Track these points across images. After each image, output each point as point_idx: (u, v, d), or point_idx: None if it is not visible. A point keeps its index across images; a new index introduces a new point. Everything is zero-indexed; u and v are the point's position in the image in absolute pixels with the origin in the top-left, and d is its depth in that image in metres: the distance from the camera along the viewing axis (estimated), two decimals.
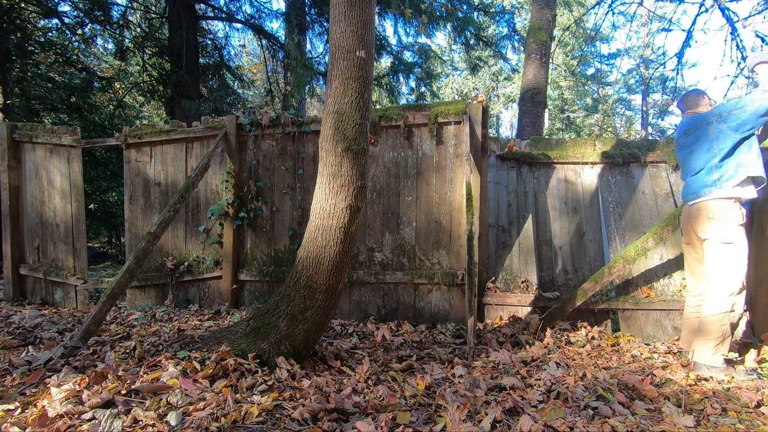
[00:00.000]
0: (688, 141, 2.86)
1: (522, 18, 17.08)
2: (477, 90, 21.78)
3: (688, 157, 2.85)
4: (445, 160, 3.77)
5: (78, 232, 4.56)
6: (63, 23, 7.80)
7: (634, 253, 3.28)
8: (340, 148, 2.25)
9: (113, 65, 11.83)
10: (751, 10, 6.48)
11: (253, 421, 1.72)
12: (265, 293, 4.15)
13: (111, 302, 2.84)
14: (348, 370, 2.50)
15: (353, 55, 2.26)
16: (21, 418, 1.71)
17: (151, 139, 4.39)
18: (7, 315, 3.88)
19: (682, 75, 8.40)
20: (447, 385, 2.25)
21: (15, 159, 4.68)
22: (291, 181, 4.15)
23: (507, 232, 3.86)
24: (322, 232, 2.31)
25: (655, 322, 3.40)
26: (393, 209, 3.89)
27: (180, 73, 7.62)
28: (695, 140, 2.80)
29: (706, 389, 2.35)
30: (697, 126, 2.80)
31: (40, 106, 8.21)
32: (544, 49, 6.23)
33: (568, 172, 3.86)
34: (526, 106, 6.34)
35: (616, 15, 8.25)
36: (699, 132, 2.77)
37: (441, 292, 3.74)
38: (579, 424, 1.82)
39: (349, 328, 3.55)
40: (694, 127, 2.82)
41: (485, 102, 3.68)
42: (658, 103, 19.90)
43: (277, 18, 9.34)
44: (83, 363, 2.35)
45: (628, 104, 21.68)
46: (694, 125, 2.82)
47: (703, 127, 2.74)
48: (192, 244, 4.37)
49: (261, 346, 2.33)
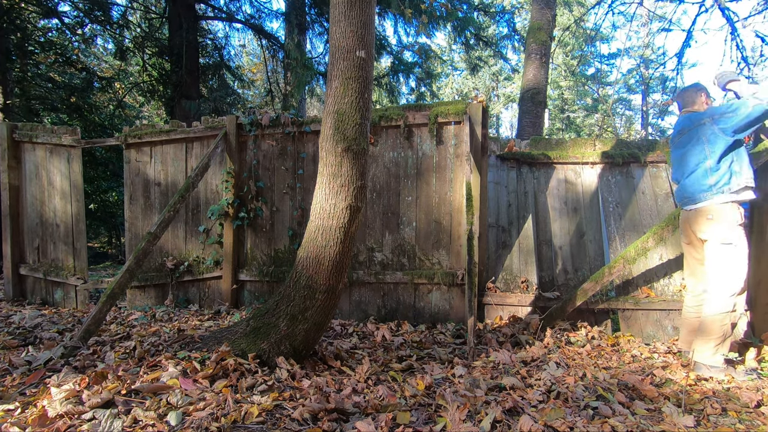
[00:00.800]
0: (683, 140, 2.84)
1: (522, 18, 17.08)
2: (477, 90, 21.78)
3: (682, 157, 2.83)
4: (445, 160, 3.77)
5: (78, 232, 4.56)
6: (63, 23, 7.79)
7: (634, 253, 3.28)
8: (340, 148, 2.25)
9: (113, 65, 11.83)
10: (751, 10, 6.48)
11: (253, 421, 1.72)
12: (265, 293, 4.15)
13: (111, 302, 2.84)
14: (348, 370, 2.50)
15: (353, 55, 2.26)
16: (21, 418, 1.71)
17: (151, 139, 4.39)
18: (7, 315, 3.88)
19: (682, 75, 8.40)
20: (447, 385, 2.24)
21: (15, 159, 4.68)
22: (291, 181, 4.15)
23: (507, 232, 3.86)
24: (322, 232, 2.31)
25: (655, 322, 3.40)
26: (393, 209, 3.89)
27: (180, 73, 7.62)
28: (689, 140, 2.78)
29: (706, 389, 2.35)
30: (691, 126, 2.78)
31: (40, 106, 8.21)
32: (544, 49, 6.23)
33: (568, 172, 3.86)
34: (526, 106, 6.34)
35: (616, 15, 8.25)
36: (693, 132, 2.75)
37: (441, 292, 3.74)
38: (579, 424, 1.82)
39: (349, 328, 3.55)
40: (688, 126, 2.81)
41: (485, 102, 3.68)
42: (658, 103, 19.91)
43: (277, 18, 9.34)
44: (83, 363, 2.35)
45: (628, 104, 21.69)
46: (689, 124, 2.81)
47: (697, 128, 2.72)
48: (192, 244, 4.37)
49: (261, 346, 2.33)
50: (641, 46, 19.36)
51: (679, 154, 2.87)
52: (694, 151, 2.73)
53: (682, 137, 2.85)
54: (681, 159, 2.84)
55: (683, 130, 2.85)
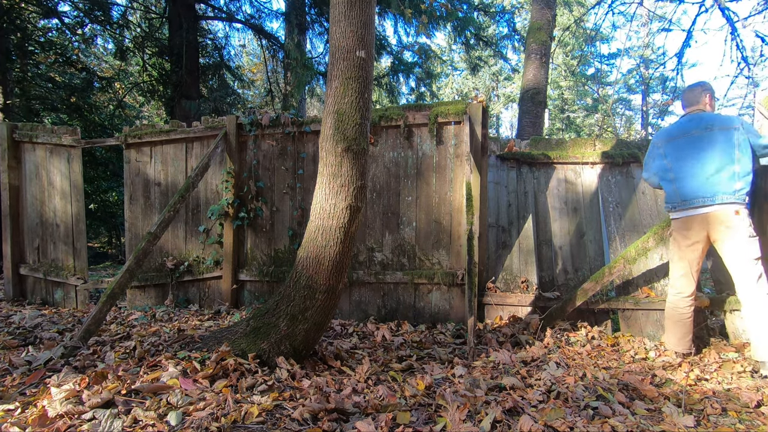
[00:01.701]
0: (693, 140, 2.76)
1: (522, 18, 17.08)
2: (477, 90, 21.78)
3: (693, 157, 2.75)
4: (445, 160, 3.77)
5: (78, 232, 4.56)
6: (63, 23, 7.79)
7: (635, 253, 3.28)
8: (340, 148, 2.25)
9: (113, 65, 11.83)
10: (751, 10, 6.48)
11: (253, 421, 1.72)
12: (265, 293, 4.15)
13: (111, 302, 2.84)
14: (348, 370, 2.50)
15: (353, 55, 2.26)
16: (21, 418, 1.71)
17: (151, 139, 4.39)
18: (7, 315, 3.88)
19: (682, 75, 8.40)
20: (447, 385, 2.24)
21: (15, 159, 4.68)
22: (291, 181, 4.15)
23: (507, 232, 3.86)
24: (322, 232, 2.31)
25: (656, 322, 3.40)
26: (393, 209, 3.89)
27: (180, 73, 7.62)
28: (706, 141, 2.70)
29: (706, 389, 2.35)
30: (707, 127, 2.71)
31: (40, 106, 8.21)
32: (544, 49, 6.23)
33: (568, 172, 3.86)
34: (526, 106, 6.34)
35: (616, 15, 8.26)
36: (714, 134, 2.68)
37: (441, 292, 3.74)
38: (579, 424, 1.82)
39: (349, 328, 3.55)
40: (702, 127, 2.73)
41: (485, 102, 3.68)
42: (658, 103, 19.91)
43: (277, 18, 9.34)
44: (83, 363, 2.35)
45: (628, 104, 21.69)
46: (702, 125, 2.73)
47: (722, 131, 2.66)
48: (192, 244, 4.37)
49: (261, 346, 2.33)
50: (641, 46, 19.37)
51: (685, 153, 2.79)
52: (715, 152, 2.67)
53: (689, 137, 2.78)
54: (690, 159, 2.77)
55: (691, 130, 2.78)
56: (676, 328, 2.90)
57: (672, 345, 2.93)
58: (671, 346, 2.93)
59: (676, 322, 2.89)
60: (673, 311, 2.90)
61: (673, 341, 2.92)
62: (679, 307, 2.87)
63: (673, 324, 2.91)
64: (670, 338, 2.94)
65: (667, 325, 2.95)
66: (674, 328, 2.91)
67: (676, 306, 2.89)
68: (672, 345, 2.93)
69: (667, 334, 2.97)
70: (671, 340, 2.93)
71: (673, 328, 2.92)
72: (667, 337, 2.96)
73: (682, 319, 2.87)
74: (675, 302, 2.90)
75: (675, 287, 2.91)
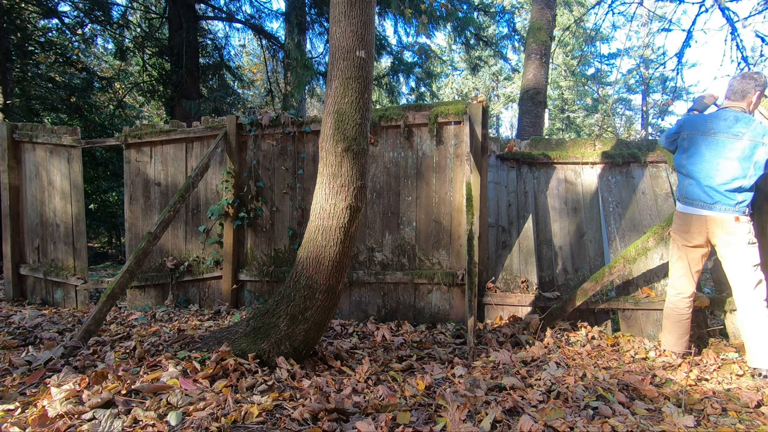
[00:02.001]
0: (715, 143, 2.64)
1: (522, 18, 17.08)
2: (477, 90, 21.78)
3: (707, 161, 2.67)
4: (445, 160, 3.77)
5: (78, 232, 4.56)
6: (63, 23, 7.80)
7: (635, 253, 3.28)
8: (340, 148, 2.25)
9: (113, 65, 11.84)
10: (751, 10, 6.49)
11: (253, 421, 1.72)
12: (265, 293, 4.15)
13: (111, 302, 2.84)
14: (348, 370, 2.50)
15: (353, 55, 2.26)
16: (21, 418, 1.71)
17: (151, 139, 4.39)
18: (8, 315, 3.88)
19: (682, 75, 8.40)
20: (447, 385, 2.24)
21: (15, 159, 4.68)
22: (291, 181, 4.15)
23: (507, 232, 3.86)
24: (322, 232, 2.31)
25: (656, 322, 3.40)
26: (393, 209, 3.89)
27: (180, 73, 7.62)
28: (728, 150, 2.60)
29: (706, 389, 2.36)
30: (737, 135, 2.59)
31: (40, 106, 8.21)
32: (544, 49, 6.23)
33: (568, 172, 3.86)
34: (526, 106, 6.34)
35: (616, 15, 8.26)
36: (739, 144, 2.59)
37: (441, 292, 3.74)
38: (579, 424, 1.82)
39: (349, 328, 3.55)
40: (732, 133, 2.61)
41: (485, 102, 3.68)
42: (658, 103, 19.91)
43: (277, 18, 9.35)
44: (83, 363, 2.34)
45: (628, 104, 21.69)
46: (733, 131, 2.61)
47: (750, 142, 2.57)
48: (192, 244, 4.37)
49: (261, 346, 2.33)
50: (641, 46, 19.37)
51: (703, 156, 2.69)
52: (733, 164, 2.60)
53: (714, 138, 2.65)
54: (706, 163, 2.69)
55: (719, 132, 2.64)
56: (675, 328, 2.89)
57: (669, 345, 2.92)
58: (668, 345, 2.93)
59: (675, 322, 2.89)
60: (672, 311, 2.90)
61: (670, 341, 2.92)
62: (679, 307, 2.87)
63: (672, 324, 2.91)
64: (667, 338, 2.94)
65: (666, 324, 2.95)
66: (672, 328, 2.91)
67: (675, 306, 2.89)
68: (669, 345, 2.92)
69: (664, 334, 2.97)
70: (669, 339, 2.93)
71: (671, 328, 2.91)
72: (664, 337, 2.96)
73: (680, 320, 2.86)
74: (674, 302, 2.90)
75: (675, 287, 2.91)
